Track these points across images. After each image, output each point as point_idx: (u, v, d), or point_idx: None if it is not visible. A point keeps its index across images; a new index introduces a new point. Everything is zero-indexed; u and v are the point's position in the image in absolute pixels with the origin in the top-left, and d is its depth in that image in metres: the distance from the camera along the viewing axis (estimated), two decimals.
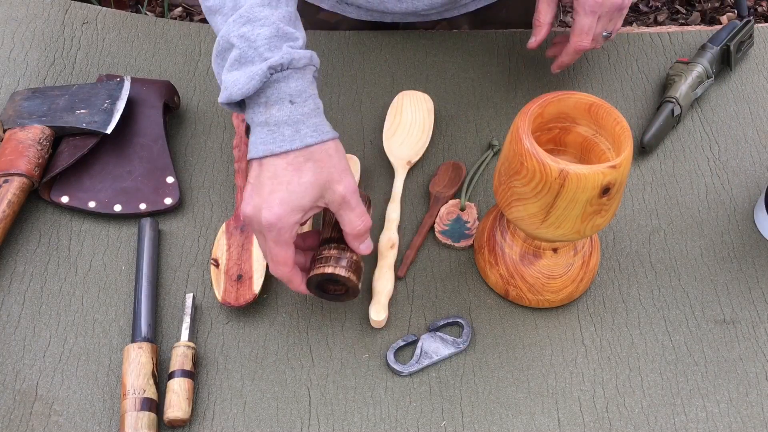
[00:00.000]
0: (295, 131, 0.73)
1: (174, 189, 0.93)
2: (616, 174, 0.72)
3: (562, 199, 0.72)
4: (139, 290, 0.85)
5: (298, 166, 0.73)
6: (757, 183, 0.97)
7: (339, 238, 0.79)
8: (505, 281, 0.85)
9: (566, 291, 0.84)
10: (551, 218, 0.74)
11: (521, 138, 0.73)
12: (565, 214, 0.74)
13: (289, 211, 0.73)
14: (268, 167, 0.73)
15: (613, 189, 0.73)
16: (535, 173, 0.72)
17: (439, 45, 1.10)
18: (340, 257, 0.77)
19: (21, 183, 0.89)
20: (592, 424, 0.79)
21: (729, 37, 1.06)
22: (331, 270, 0.76)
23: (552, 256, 0.83)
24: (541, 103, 0.76)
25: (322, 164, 0.73)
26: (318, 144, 0.74)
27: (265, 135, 0.74)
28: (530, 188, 0.73)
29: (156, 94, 0.98)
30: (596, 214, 0.74)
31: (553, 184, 0.72)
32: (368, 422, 0.79)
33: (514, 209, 0.77)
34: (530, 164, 0.72)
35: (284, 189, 0.72)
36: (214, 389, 0.81)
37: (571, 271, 0.83)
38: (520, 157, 0.73)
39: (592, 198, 0.72)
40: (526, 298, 0.85)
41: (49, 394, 0.80)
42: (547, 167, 0.71)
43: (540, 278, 0.83)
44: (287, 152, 0.73)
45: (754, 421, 0.80)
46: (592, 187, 0.71)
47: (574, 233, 0.76)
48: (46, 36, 1.08)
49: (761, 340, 0.85)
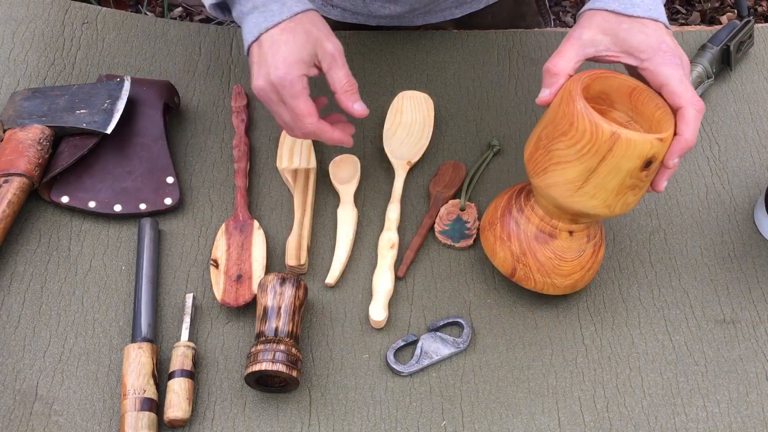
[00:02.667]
0: (282, 5, 0.81)
1: (174, 189, 0.93)
2: (662, 148, 0.73)
3: (605, 165, 0.73)
4: (139, 290, 0.85)
5: (290, 29, 0.81)
6: (757, 183, 0.97)
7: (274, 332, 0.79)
8: (515, 258, 0.83)
9: (574, 277, 0.83)
10: (588, 185, 0.75)
11: (574, 99, 0.73)
12: (605, 182, 0.74)
13: (293, 63, 0.79)
14: (265, 40, 0.81)
15: (654, 164, 0.73)
16: (585, 134, 0.72)
17: (439, 45, 1.10)
18: (275, 350, 0.77)
19: (21, 183, 0.89)
20: (593, 424, 0.79)
21: (729, 37, 1.06)
22: (267, 366, 0.76)
23: (567, 238, 0.82)
24: (592, 75, 0.76)
25: (310, 26, 0.81)
26: (303, 12, 0.82)
27: (256, 17, 0.81)
28: (575, 150, 0.73)
29: (156, 94, 0.98)
30: (631, 190, 0.75)
31: (601, 147, 0.72)
32: (368, 422, 0.79)
33: (550, 174, 0.76)
34: (581, 125, 0.72)
35: (283, 48, 0.80)
36: (214, 389, 0.81)
37: (583, 257, 0.83)
38: (570, 117, 0.73)
39: (633, 169, 0.73)
40: (533, 278, 0.83)
41: (49, 394, 0.80)
42: (599, 128, 0.72)
43: (552, 259, 0.82)
44: (278, 23, 0.81)
45: (754, 421, 0.80)
46: (638, 156, 0.72)
47: (604, 207, 0.76)
48: (46, 36, 1.08)
49: (761, 340, 0.85)
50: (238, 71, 1.06)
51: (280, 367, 0.76)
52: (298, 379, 0.78)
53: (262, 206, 0.94)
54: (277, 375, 0.77)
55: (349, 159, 0.97)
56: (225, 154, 0.98)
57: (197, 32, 1.10)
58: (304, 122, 0.81)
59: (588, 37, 0.77)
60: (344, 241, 0.90)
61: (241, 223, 0.90)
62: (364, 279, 0.88)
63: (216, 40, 1.10)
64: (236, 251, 0.88)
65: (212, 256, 0.87)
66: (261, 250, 0.88)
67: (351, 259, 0.90)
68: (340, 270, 0.88)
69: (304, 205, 0.92)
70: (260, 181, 0.96)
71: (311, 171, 0.95)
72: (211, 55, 1.08)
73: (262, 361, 0.76)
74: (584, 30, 0.77)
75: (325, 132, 0.83)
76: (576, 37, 0.77)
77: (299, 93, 0.80)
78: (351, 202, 0.93)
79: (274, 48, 0.80)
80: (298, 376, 0.78)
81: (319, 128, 0.82)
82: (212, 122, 1.01)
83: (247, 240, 0.88)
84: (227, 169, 0.97)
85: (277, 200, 0.95)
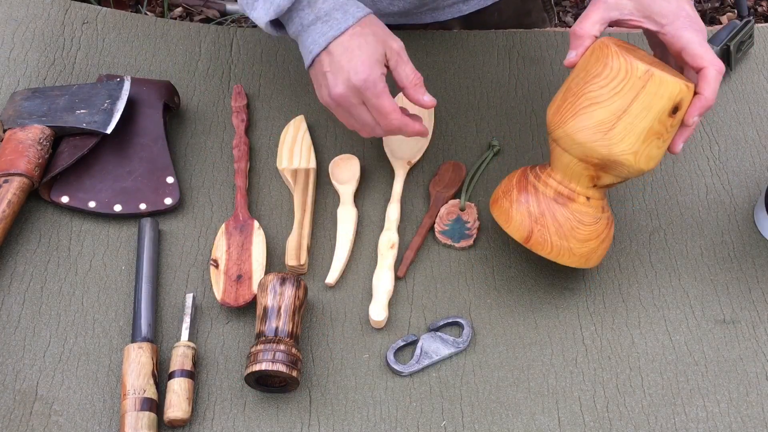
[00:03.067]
0: (344, 12, 0.84)
1: (174, 189, 0.93)
2: (689, 94, 0.77)
3: (638, 103, 0.76)
4: (139, 290, 0.85)
5: (359, 33, 0.83)
6: (757, 183, 0.97)
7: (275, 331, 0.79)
8: (532, 219, 0.81)
9: (590, 245, 0.82)
10: (619, 126, 0.77)
11: (608, 45, 0.77)
12: (634, 123, 0.76)
13: (373, 64, 0.82)
14: (336, 48, 0.83)
15: (680, 111, 0.77)
16: (620, 71, 0.76)
17: (439, 45, 1.10)
18: (275, 350, 0.77)
19: (21, 183, 0.89)
20: (593, 424, 0.79)
21: (729, 37, 1.06)
22: (267, 366, 0.76)
23: (585, 203, 0.82)
24: (616, 41, 0.79)
25: (375, 28, 0.85)
26: (365, 16, 0.85)
27: (320, 28, 0.84)
28: (609, 89, 0.76)
29: (156, 94, 0.98)
30: (657, 138, 0.77)
31: (636, 83, 0.75)
32: (368, 422, 0.79)
33: (580, 118, 0.78)
34: (616, 63, 0.76)
35: (358, 52, 0.82)
36: (214, 389, 0.81)
37: (599, 224, 0.82)
38: (605, 59, 0.77)
39: (662, 113, 0.76)
40: (550, 241, 0.81)
41: (49, 394, 0.80)
42: (633, 65, 0.76)
43: (571, 220, 0.81)
44: (346, 29, 0.83)
45: (754, 421, 0.80)
46: (669, 97, 0.76)
47: (631, 154, 0.77)
48: (46, 36, 1.08)
49: (761, 340, 0.85)
50: (238, 71, 1.06)
51: (280, 367, 0.76)
52: (298, 379, 0.78)
53: (262, 206, 0.94)
54: (277, 375, 0.77)
55: (349, 159, 0.97)
56: (225, 154, 0.98)
57: (197, 32, 1.10)
58: (389, 118, 0.84)
59: (613, 1, 0.81)
60: (344, 241, 0.90)
61: (241, 223, 0.90)
62: (364, 279, 0.88)
63: (216, 40, 1.10)
64: (236, 251, 0.88)
65: (212, 256, 0.87)
66: (261, 250, 0.88)
67: (351, 259, 0.90)
68: (340, 270, 0.88)
69: (304, 205, 0.92)
70: (260, 181, 0.96)
71: (311, 171, 0.95)
72: (211, 55, 1.08)
73: (262, 361, 0.76)
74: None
75: (408, 125, 0.86)
76: (602, 1, 0.81)
77: (382, 91, 0.83)
78: (351, 202, 0.93)
79: (348, 53, 0.82)
80: (298, 376, 0.78)
81: (403, 122, 0.85)
82: (212, 122, 1.01)
83: (247, 240, 0.88)
84: (227, 169, 0.97)
85: (277, 200, 0.95)
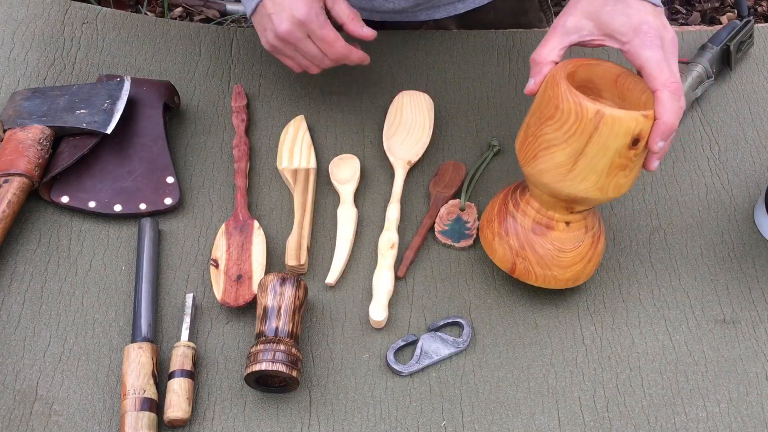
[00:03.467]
0: None
1: (174, 189, 0.93)
2: (647, 124, 0.73)
3: (593, 145, 0.73)
4: (139, 290, 0.85)
5: None
6: (757, 183, 0.97)
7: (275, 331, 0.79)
8: (514, 253, 0.83)
9: (574, 269, 0.83)
10: (578, 168, 0.75)
11: (558, 82, 0.74)
12: (593, 163, 0.74)
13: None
14: None
15: (641, 142, 0.73)
16: (570, 114, 0.73)
17: (439, 45, 1.10)
18: (275, 350, 0.77)
19: (21, 183, 0.89)
20: (593, 424, 0.79)
21: (729, 37, 1.06)
22: (267, 366, 0.76)
23: (564, 229, 0.82)
24: (576, 63, 0.77)
25: None
26: None
27: None
28: (562, 132, 0.74)
29: (156, 94, 0.98)
30: (621, 170, 0.75)
31: (587, 126, 0.72)
32: (368, 422, 0.79)
33: (540, 160, 0.77)
34: (566, 106, 0.73)
35: None
36: (214, 389, 0.81)
37: (581, 247, 0.83)
38: (556, 100, 0.74)
39: (621, 148, 0.73)
40: (534, 272, 0.83)
41: (49, 394, 0.80)
42: (583, 107, 0.72)
43: (551, 250, 0.82)
44: None
45: (754, 421, 0.80)
46: (625, 134, 0.72)
47: (597, 190, 0.76)
48: (46, 36, 1.08)
49: (761, 340, 0.85)
50: (238, 71, 1.06)
51: (280, 367, 0.76)
52: (298, 379, 0.78)
53: (262, 206, 0.94)
54: (277, 375, 0.77)
55: (349, 159, 0.97)
56: (225, 154, 0.98)
57: (197, 32, 1.10)
58: (335, 47, 0.89)
59: (571, 24, 0.78)
60: (344, 241, 0.90)
61: (241, 223, 0.90)
62: (364, 279, 0.88)
63: (216, 40, 1.10)
64: (236, 251, 0.88)
65: (212, 256, 0.87)
66: (261, 250, 0.88)
67: (351, 259, 0.90)
68: (340, 270, 0.88)
69: (304, 205, 0.92)
70: (260, 181, 0.96)
71: (311, 171, 0.95)
72: (211, 55, 1.08)
73: (262, 361, 0.76)
74: (568, 17, 0.78)
75: (352, 52, 0.90)
76: (560, 26, 0.78)
77: (325, 22, 0.88)
78: (351, 202, 0.93)
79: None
80: (298, 376, 0.78)
81: (348, 49, 0.90)
82: (212, 122, 1.01)
83: (247, 240, 0.88)
84: (227, 169, 0.97)
85: (277, 200, 0.95)
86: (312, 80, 1.06)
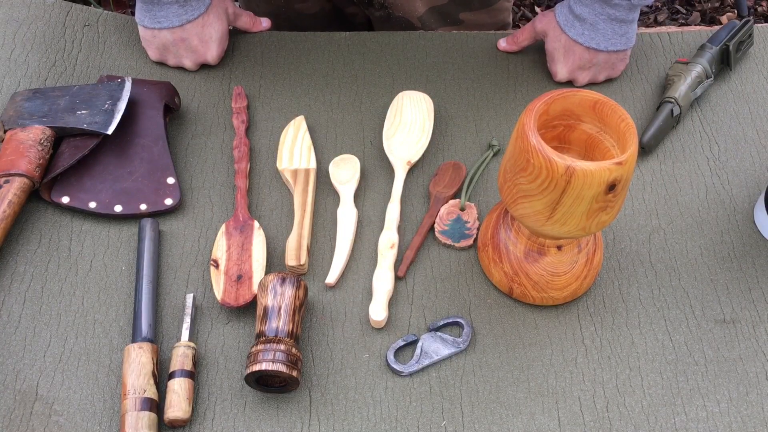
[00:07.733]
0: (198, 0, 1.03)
1: (174, 189, 0.93)
2: (622, 170, 0.71)
3: (568, 196, 0.72)
4: (139, 290, 0.85)
5: (208, 21, 1.05)
6: (757, 183, 0.97)
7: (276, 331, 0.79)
8: (509, 279, 0.85)
9: (570, 288, 0.84)
10: (557, 215, 0.74)
11: (527, 135, 0.73)
12: (571, 210, 0.74)
13: (221, 42, 1.07)
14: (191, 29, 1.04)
15: (619, 185, 0.73)
16: (542, 170, 0.72)
17: (439, 45, 1.10)
18: (275, 350, 0.77)
19: (22, 183, 0.89)
20: (593, 424, 0.79)
21: (728, 37, 1.06)
22: (267, 366, 0.76)
23: (556, 253, 0.83)
24: (547, 100, 0.76)
25: (216, 8, 1.06)
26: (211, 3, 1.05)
27: (176, 10, 1.02)
28: (536, 185, 0.73)
29: (156, 95, 0.99)
30: (602, 210, 0.74)
31: (559, 181, 0.71)
32: (368, 422, 0.79)
33: (520, 206, 0.77)
34: (536, 161, 0.72)
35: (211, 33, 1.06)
36: (214, 389, 0.81)
37: (575, 268, 0.83)
38: (527, 154, 0.73)
39: (598, 195, 0.72)
40: (530, 295, 0.84)
41: (49, 394, 0.80)
42: (553, 164, 0.71)
43: (544, 275, 0.83)
44: (198, 16, 1.04)
45: (754, 421, 0.80)
46: (599, 184, 0.71)
47: (579, 230, 0.76)
48: (47, 37, 1.09)
49: (761, 340, 0.85)
50: (239, 72, 1.06)
51: (280, 367, 0.76)
52: (298, 379, 0.78)
53: (262, 207, 0.94)
54: (277, 375, 0.77)
55: (349, 159, 0.97)
56: (225, 155, 0.98)
57: None
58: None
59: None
60: (344, 241, 0.90)
61: (242, 223, 0.90)
62: (364, 279, 0.88)
63: None
64: (236, 251, 0.88)
65: (212, 257, 0.88)
66: (261, 250, 0.88)
67: (351, 259, 0.90)
68: (340, 270, 0.88)
69: (304, 205, 0.92)
70: (260, 182, 0.96)
71: (311, 171, 0.95)
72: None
73: (262, 361, 0.76)
74: None
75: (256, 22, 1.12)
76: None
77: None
78: (351, 202, 0.93)
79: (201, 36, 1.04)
80: (298, 376, 0.78)
81: (252, 20, 1.11)
82: (212, 123, 1.02)
83: (247, 240, 0.88)
84: (227, 170, 0.97)
85: (277, 201, 0.95)
86: (312, 81, 1.06)
